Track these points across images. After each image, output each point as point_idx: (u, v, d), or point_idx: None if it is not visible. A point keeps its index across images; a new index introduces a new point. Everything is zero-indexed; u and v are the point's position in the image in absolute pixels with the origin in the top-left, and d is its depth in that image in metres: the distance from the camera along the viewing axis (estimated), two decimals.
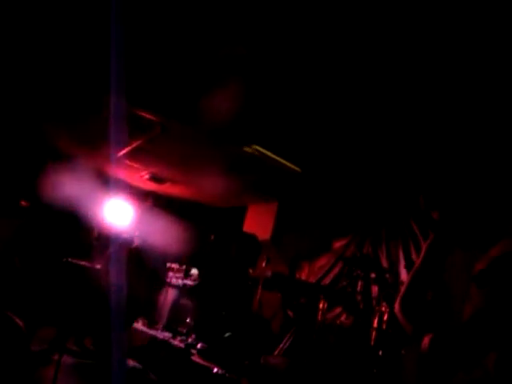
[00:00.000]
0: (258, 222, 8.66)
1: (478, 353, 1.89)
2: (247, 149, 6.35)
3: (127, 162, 8.30)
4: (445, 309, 2.12)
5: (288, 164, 6.63)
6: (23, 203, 8.90)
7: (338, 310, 6.97)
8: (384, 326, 5.24)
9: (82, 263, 6.55)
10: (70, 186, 8.84)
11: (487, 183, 2.48)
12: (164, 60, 4.78)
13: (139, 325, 7.52)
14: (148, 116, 6.05)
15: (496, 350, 1.87)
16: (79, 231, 9.10)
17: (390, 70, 4.13)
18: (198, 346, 5.98)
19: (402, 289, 2.31)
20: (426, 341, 2.03)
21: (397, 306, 2.30)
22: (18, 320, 4.01)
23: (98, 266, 6.43)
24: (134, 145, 7.21)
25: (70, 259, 6.46)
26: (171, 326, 7.21)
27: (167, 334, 6.92)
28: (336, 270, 7.70)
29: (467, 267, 2.07)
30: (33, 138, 8.33)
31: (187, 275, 7.80)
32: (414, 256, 6.42)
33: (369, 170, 6.32)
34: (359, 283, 6.30)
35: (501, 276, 1.90)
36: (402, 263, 6.62)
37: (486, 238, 2.12)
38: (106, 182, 9.52)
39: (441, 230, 2.29)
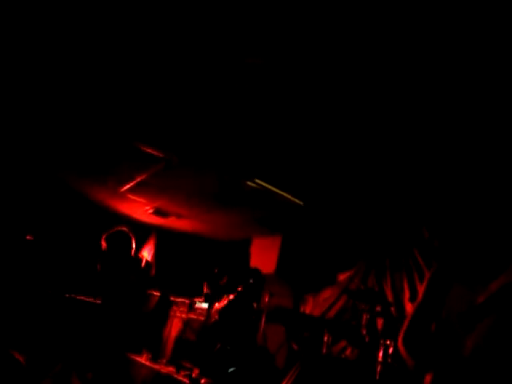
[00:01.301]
0: (262, 256, 8.66)
1: None
2: (249, 183, 6.41)
3: (131, 196, 8.37)
4: (446, 343, 2.12)
5: (290, 197, 6.67)
6: (28, 237, 8.93)
7: (343, 343, 6.92)
8: (389, 360, 5.20)
9: (84, 299, 6.55)
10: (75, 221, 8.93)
11: (488, 219, 2.50)
12: (166, 96, 4.86)
13: (143, 359, 7.48)
14: (152, 151, 6.11)
15: None
16: (83, 266, 9.10)
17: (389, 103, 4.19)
18: (202, 381, 5.94)
19: (405, 323, 2.32)
20: (427, 379, 2.03)
21: (400, 341, 2.30)
22: (18, 355, 4.01)
23: (99, 302, 6.42)
24: (137, 179, 7.28)
25: (72, 295, 6.48)
26: (175, 361, 7.17)
27: (171, 369, 6.88)
28: (340, 303, 7.66)
29: (468, 301, 2.08)
30: (38, 172, 8.40)
31: (191, 309, 7.79)
32: (418, 287, 6.40)
33: (371, 201, 6.34)
34: (364, 316, 6.25)
35: (500, 308, 1.91)
36: (407, 295, 6.59)
37: (485, 272, 2.13)
38: (110, 216, 9.60)
39: (443, 260, 2.30)
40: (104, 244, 6.14)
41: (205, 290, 7.08)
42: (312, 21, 3.24)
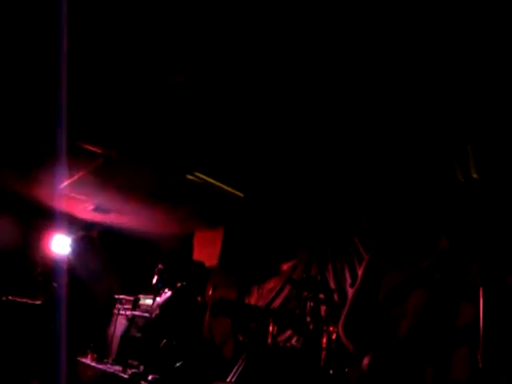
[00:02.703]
0: (205, 249, 8.65)
1: (415, 368, 1.97)
2: (189, 176, 6.39)
3: (70, 193, 8.18)
4: (383, 327, 2.19)
5: (230, 189, 6.69)
6: None
7: (289, 332, 7.02)
8: (333, 346, 5.31)
9: (23, 300, 6.39)
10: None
11: (420, 205, 2.60)
12: (105, 91, 4.79)
13: (88, 359, 7.35)
14: (90, 147, 6.01)
15: (433, 365, 1.95)
16: (22, 267, 8.87)
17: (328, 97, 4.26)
18: (150, 377, 5.89)
19: (345, 308, 2.38)
20: (365, 361, 2.09)
21: (340, 326, 2.36)
22: None
23: (39, 302, 6.27)
24: (76, 176, 7.12)
25: (10, 297, 6.30)
26: (121, 359, 7.07)
27: (117, 368, 6.79)
28: (285, 293, 7.75)
29: (401, 285, 2.15)
30: None
31: (136, 306, 7.70)
32: (359, 273, 6.54)
33: (311, 190, 6.43)
34: (308, 304, 6.35)
35: (430, 284, 2.01)
36: (348, 281, 6.74)
37: (417, 255, 2.22)
38: (48, 214, 9.35)
39: (379, 244, 2.38)
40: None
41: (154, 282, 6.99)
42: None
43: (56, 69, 4.27)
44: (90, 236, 6.68)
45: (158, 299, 6.68)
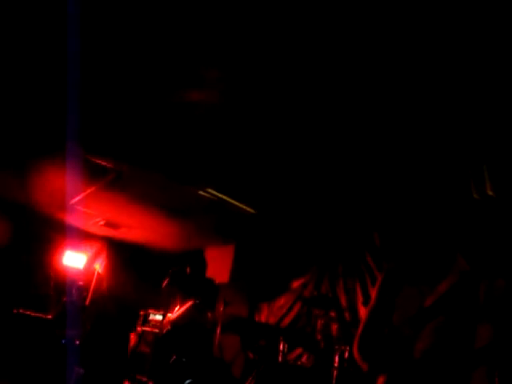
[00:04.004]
0: (216, 265, 8.62)
1: None
2: (201, 192, 6.39)
3: (81, 208, 8.21)
4: (398, 346, 2.15)
5: (242, 206, 6.67)
6: None
7: (299, 350, 6.94)
8: (345, 365, 5.24)
9: (34, 314, 6.38)
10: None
11: (435, 224, 2.56)
12: (119, 106, 4.81)
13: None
14: (102, 162, 6.02)
15: None
16: (35, 281, 8.88)
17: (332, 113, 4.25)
18: None
19: (359, 327, 2.34)
20: (380, 381, 2.05)
21: (354, 346, 2.32)
22: None
23: (50, 317, 6.26)
24: (87, 191, 7.14)
25: (21, 310, 6.29)
26: (130, 375, 7.03)
27: (126, 383, 6.75)
28: (295, 310, 7.67)
29: (416, 303, 2.11)
30: None
31: (145, 322, 7.66)
32: (371, 291, 6.47)
33: (323, 206, 6.40)
34: (319, 322, 6.28)
35: (447, 310, 1.96)
36: (360, 299, 6.66)
37: (431, 273, 2.18)
38: (60, 229, 9.38)
39: (394, 263, 2.34)
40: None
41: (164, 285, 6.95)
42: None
43: (69, 82, 4.30)
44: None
45: (169, 315, 6.65)
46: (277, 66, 3.71)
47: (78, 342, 5.57)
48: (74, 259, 9.30)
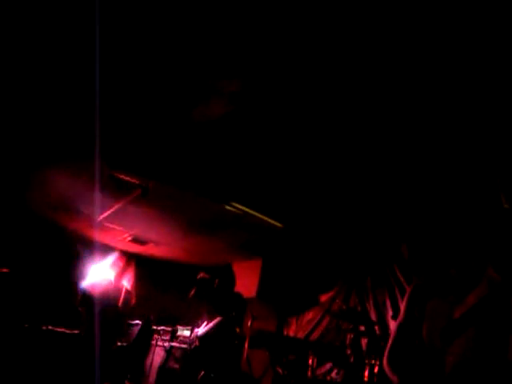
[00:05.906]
0: (243, 279, 8.60)
1: None
2: (228, 207, 6.39)
3: (108, 224, 8.27)
4: (429, 360, 2.11)
5: (269, 220, 6.66)
6: (4, 270, 8.77)
7: (329, 365, 6.86)
8: (375, 379, 5.16)
9: (62, 330, 6.42)
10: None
11: (464, 234, 2.52)
12: (145, 124, 4.86)
13: None
14: (128, 178, 6.07)
15: None
16: (63, 297, 8.96)
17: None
18: None
19: (389, 341, 2.30)
20: None
21: (384, 360, 2.29)
22: None
23: (77, 332, 6.29)
24: (114, 207, 7.20)
25: (50, 327, 6.34)
26: None
27: None
28: (324, 324, 7.60)
29: (445, 315, 2.07)
30: (13, 203, 8.29)
31: (174, 337, 7.66)
32: (400, 304, 6.38)
33: (350, 219, 6.36)
34: (348, 336, 6.21)
35: (478, 322, 1.91)
36: (390, 312, 6.57)
37: (461, 285, 2.14)
38: (87, 246, 9.47)
39: (421, 277, 2.31)
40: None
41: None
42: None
43: (97, 104, 4.36)
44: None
45: (196, 330, 6.63)
46: (297, 79, 3.71)
47: (107, 357, 5.58)
48: (101, 275, 9.36)
